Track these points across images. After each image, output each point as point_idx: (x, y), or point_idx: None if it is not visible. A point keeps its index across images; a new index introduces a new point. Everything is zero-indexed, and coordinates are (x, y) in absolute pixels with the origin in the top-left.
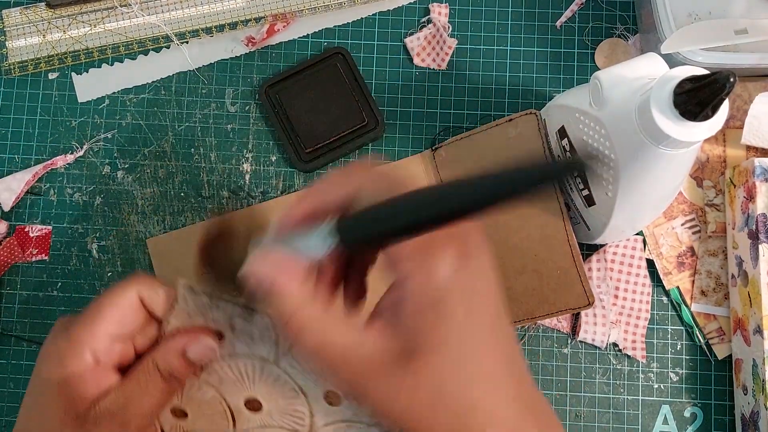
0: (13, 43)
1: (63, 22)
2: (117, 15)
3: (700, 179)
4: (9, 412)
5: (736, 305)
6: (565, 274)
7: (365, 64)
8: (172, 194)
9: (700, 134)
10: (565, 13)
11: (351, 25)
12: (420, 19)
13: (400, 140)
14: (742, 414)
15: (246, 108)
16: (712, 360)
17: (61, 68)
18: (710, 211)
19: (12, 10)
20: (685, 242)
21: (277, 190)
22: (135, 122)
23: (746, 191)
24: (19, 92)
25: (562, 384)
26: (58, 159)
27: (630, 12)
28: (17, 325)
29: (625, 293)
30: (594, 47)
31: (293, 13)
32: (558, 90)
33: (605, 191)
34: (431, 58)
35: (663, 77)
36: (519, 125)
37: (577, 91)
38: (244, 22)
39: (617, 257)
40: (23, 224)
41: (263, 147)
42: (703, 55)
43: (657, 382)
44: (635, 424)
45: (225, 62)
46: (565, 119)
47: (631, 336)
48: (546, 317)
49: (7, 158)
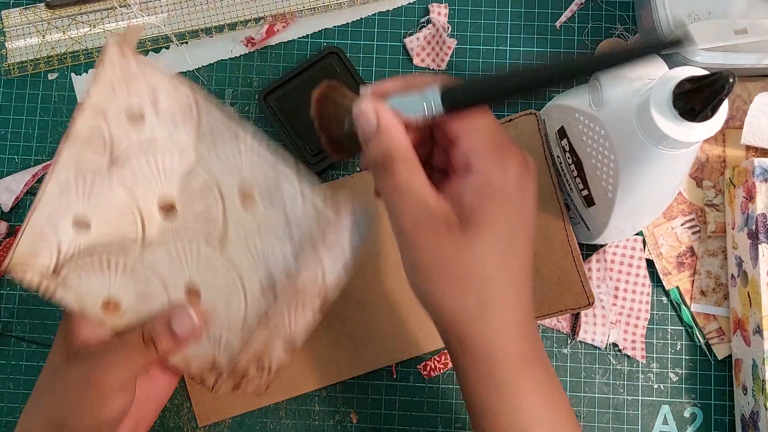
0: (12, 43)
1: (62, 22)
2: (116, 15)
3: (699, 179)
4: (9, 412)
5: (736, 305)
6: (565, 274)
7: (365, 65)
8: None
9: (700, 134)
10: (564, 13)
11: (350, 25)
12: (419, 20)
13: None
14: (741, 414)
15: (246, 108)
16: (712, 360)
17: (61, 69)
18: (710, 211)
19: (11, 11)
20: (685, 242)
21: None
22: None
23: (746, 191)
24: (18, 93)
25: (562, 384)
26: None
27: (630, 12)
28: (17, 325)
29: (625, 293)
30: (594, 47)
31: (293, 13)
32: (558, 90)
33: (605, 191)
34: (431, 59)
35: (663, 77)
36: (519, 125)
37: (577, 92)
38: (243, 22)
39: (617, 257)
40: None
41: None
42: (703, 55)
43: (657, 382)
44: (635, 424)
45: (224, 63)
46: (565, 119)
47: (630, 336)
48: (546, 317)
49: (7, 159)
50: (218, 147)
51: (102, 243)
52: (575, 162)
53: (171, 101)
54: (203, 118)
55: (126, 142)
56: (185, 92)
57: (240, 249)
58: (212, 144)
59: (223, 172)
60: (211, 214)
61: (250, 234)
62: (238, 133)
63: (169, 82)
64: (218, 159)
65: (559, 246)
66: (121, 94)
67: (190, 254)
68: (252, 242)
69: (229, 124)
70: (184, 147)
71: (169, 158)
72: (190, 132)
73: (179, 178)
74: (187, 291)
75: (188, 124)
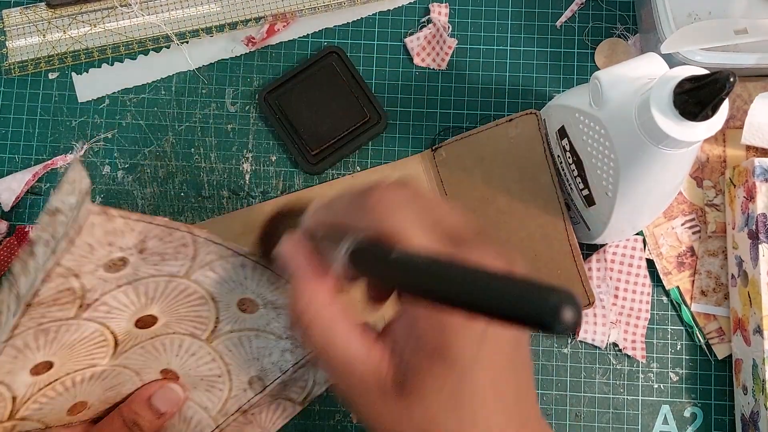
0: (13, 43)
1: (63, 21)
2: (117, 15)
3: (700, 179)
4: None
5: (736, 305)
6: (565, 274)
7: (365, 64)
8: (172, 194)
9: (700, 134)
10: (565, 13)
11: (351, 25)
12: (420, 19)
13: (400, 140)
14: (742, 414)
15: (246, 108)
16: (712, 360)
17: (61, 68)
18: (710, 211)
19: (12, 10)
20: (685, 242)
21: (277, 190)
22: (135, 122)
23: (746, 191)
24: (19, 92)
25: (562, 384)
26: (58, 159)
27: (630, 12)
28: None
29: (625, 293)
30: (594, 47)
31: (293, 13)
32: (558, 90)
33: (605, 191)
34: (431, 58)
35: (663, 77)
36: (519, 125)
37: (577, 91)
38: (244, 22)
39: (617, 257)
40: (23, 224)
41: (263, 147)
42: (703, 55)
43: (657, 382)
44: (635, 424)
45: (225, 62)
46: (565, 119)
47: (630, 336)
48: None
49: (7, 158)
50: (216, 269)
51: (65, 371)
52: (575, 162)
53: (163, 243)
54: (200, 251)
55: (101, 289)
56: (180, 235)
57: (231, 342)
58: (209, 269)
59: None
60: (200, 317)
61: (246, 330)
62: (244, 263)
63: (162, 230)
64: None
65: (559, 246)
66: (102, 251)
67: (170, 347)
68: (246, 336)
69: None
70: (174, 273)
71: (153, 287)
72: (182, 263)
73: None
74: (162, 371)
75: (180, 259)
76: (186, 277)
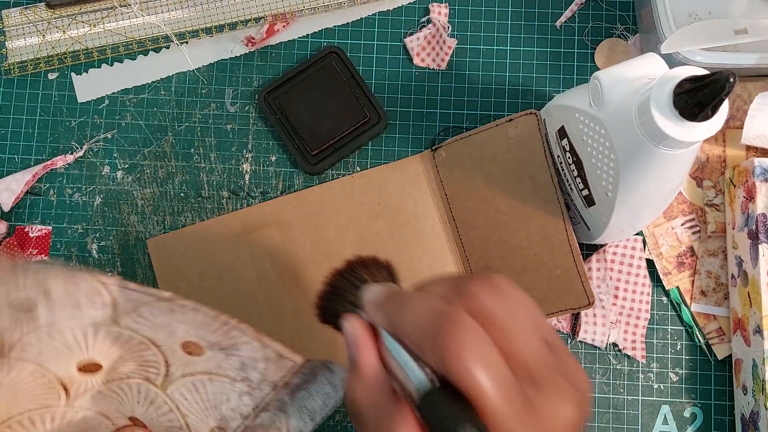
0: (12, 43)
1: (63, 22)
2: (117, 15)
3: (700, 179)
4: None
5: (736, 305)
6: (565, 274)
7: (365, 64)
8: (172, 194)
9: (700, 134)
10: (564, 13)
11: (351, 25)
12: (420, 19)
13: (400, 140)
14: (741, 414)
15: (246, 108)
16: (712, 360)
17: (61, 68)
18: (710, 211)
19: (12, 11)
20: (685, 242)
21: (277, 190)
22: (135, 122)
23: (746, 191)
24: (18, 92)
25: None
26: (58, 159)
27: (630, 12)
28: None
29: (625, 293)
30: (594, 47)
31: (293, 13)
32: (558, 90)
33: (605, 191)
34: (431, 58)
35: (663, 77)
36: (519, 125)
37: (577, 91)
38: (243, 22)
39: (617, 257)
40: (23, 224)
41: (263, 147)
42: (703, 55)
43: (657, 382)
44: (635, 424)
45: (225, 62)
46: (565, 119)
47: (630, 336)
48: (546, 317)
49: (7, 158)
50: (144, 313)
51: (18, 411)
52: (575, 162)
53: (66, 292)
54: (119, 297)
55: (19, 332)
56: (85, 278)
57: (186, 388)
58: (136, 313)
59: (155, 332)
60: (148, 361)
61: (198, 374)
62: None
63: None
64: (147, 322)
65: (559, 246)
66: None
67: (129, 392)
68: (200, 381)
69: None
70: (97, 320)
71: (80, 333)
72: (101, 308)
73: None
74: (130, 418)
75: (98, 303)
76: (114, 323)
